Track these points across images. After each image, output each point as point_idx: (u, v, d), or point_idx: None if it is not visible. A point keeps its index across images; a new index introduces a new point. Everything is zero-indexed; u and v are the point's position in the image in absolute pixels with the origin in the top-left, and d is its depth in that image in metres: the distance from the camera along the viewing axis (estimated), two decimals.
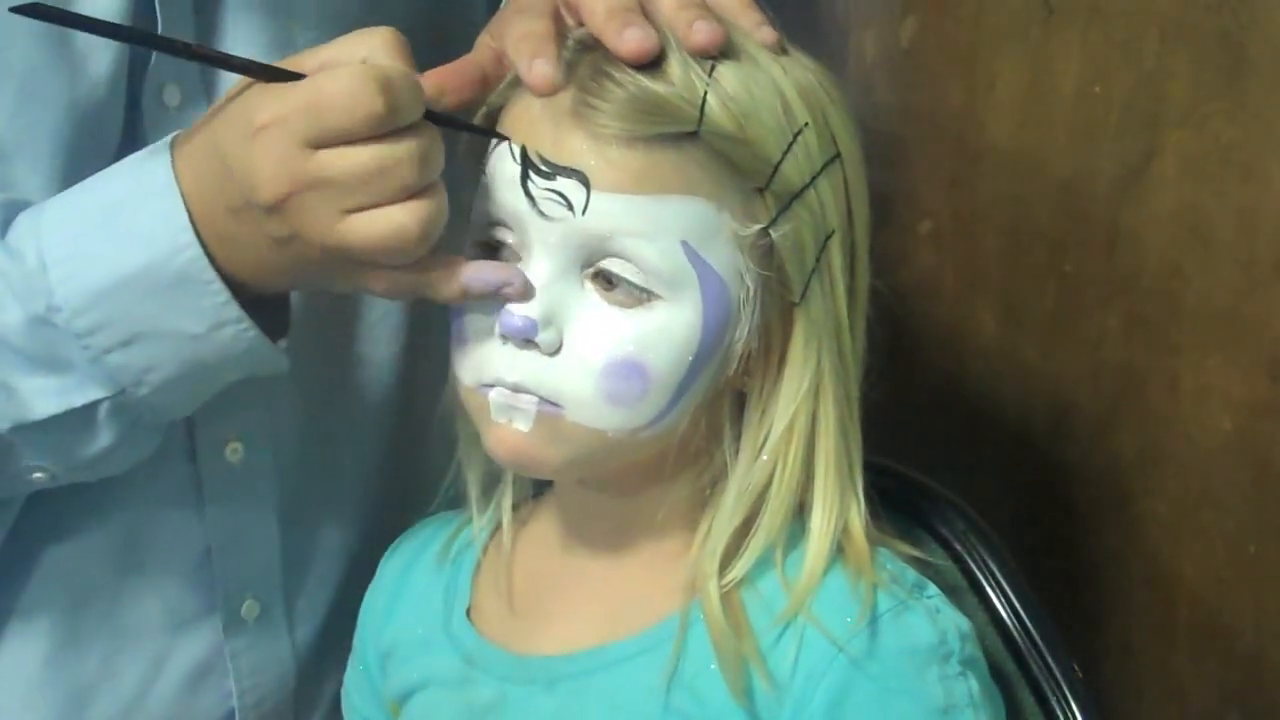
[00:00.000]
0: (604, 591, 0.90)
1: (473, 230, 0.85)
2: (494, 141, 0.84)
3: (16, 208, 0.88)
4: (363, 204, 0.79)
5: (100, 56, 0.91)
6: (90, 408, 0.87)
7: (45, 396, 0.87)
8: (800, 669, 0.82)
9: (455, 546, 0.98)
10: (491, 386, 0.84)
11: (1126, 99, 1.15)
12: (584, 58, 0.82)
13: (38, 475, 0.92)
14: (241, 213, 0.82)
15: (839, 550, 0.85)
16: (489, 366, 0.84)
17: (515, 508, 0.96)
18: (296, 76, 0.80)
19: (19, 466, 0.91)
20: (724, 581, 0.84)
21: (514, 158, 0.82)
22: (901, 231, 0.95)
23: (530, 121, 0.83)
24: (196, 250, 0.83)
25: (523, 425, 0.83)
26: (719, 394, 0.86)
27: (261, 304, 0.87)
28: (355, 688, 1.01)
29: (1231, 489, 1.15)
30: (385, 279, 0.83)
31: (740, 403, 0.87)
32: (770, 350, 0.85)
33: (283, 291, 0.89)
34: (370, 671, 0.99)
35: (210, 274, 0.83)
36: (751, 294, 0.83)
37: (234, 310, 0.84)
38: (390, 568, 1.01)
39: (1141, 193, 1.16)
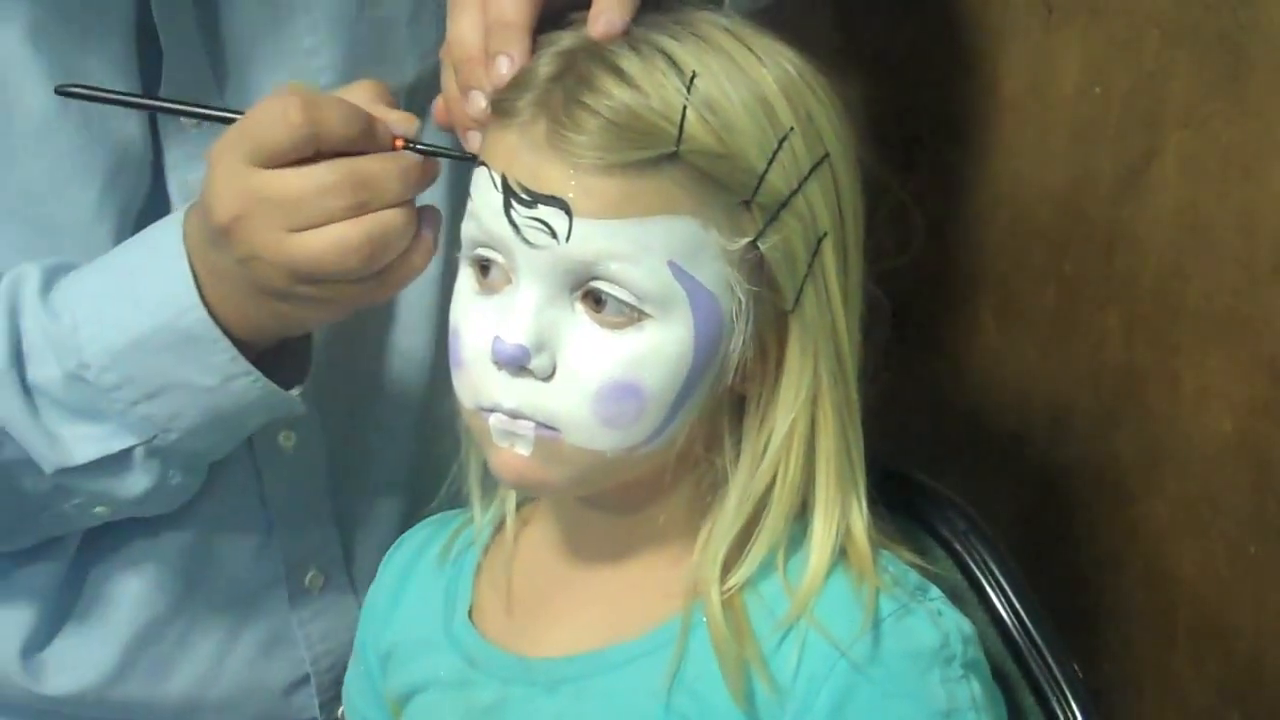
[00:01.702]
0: (605, 594, 0.89)
1: (464, 247, 0.85)
2: (476, 166, 0.84)
3: (62, 270, 0.95)
4: (307, 223, 0.84)
5: (116, 87, 0.95)
6: (126, 453, 0.95)
7: (85, 443, 0.94)
8: (802, 673, 0.82)
9: (456, 546, 0.97)
10: (491, 411, 0.84)
11: (1126, 99, 1.16)
12: (557, 87, 0.81)
13: (98, 510, 0.99)
14: (215, 243, 0.87)
15: (841, 553, 0.85)
16: (486, 391, 0.83)
17: (518, 506, 0.96)
18: (238, 114, 0.87)
19: (74, 506, 0.99)
20: (726, 587, 0.84)
21: (495, 186, 0.82)
22: (901, 231, 0.95)
23: (509, 150, 0.82)
24: (200, 311, 0.89)
25: (523, 449, 0.83)
26: (717, 402, 0.85)
27: (280, 354, 0.94)
28: (356, 688, 1.01)
29: (1231, 489, 1.15)
30: (352, 291, 0.88)
31: (739, 406, 0.87)
32: (766, 357, 0.85)
33: (292, 336, 0.95)
34: (371, 671, 0.99)
35: (215, 332, 0.90)
36: (744, 306, 0.82)
37: (241, 364, 0.91)
38: (391, 568, 1.01)
39: (1141, 193, 1.16)
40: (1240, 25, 1.08)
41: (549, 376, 0.82)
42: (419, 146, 0.87)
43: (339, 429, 1.07)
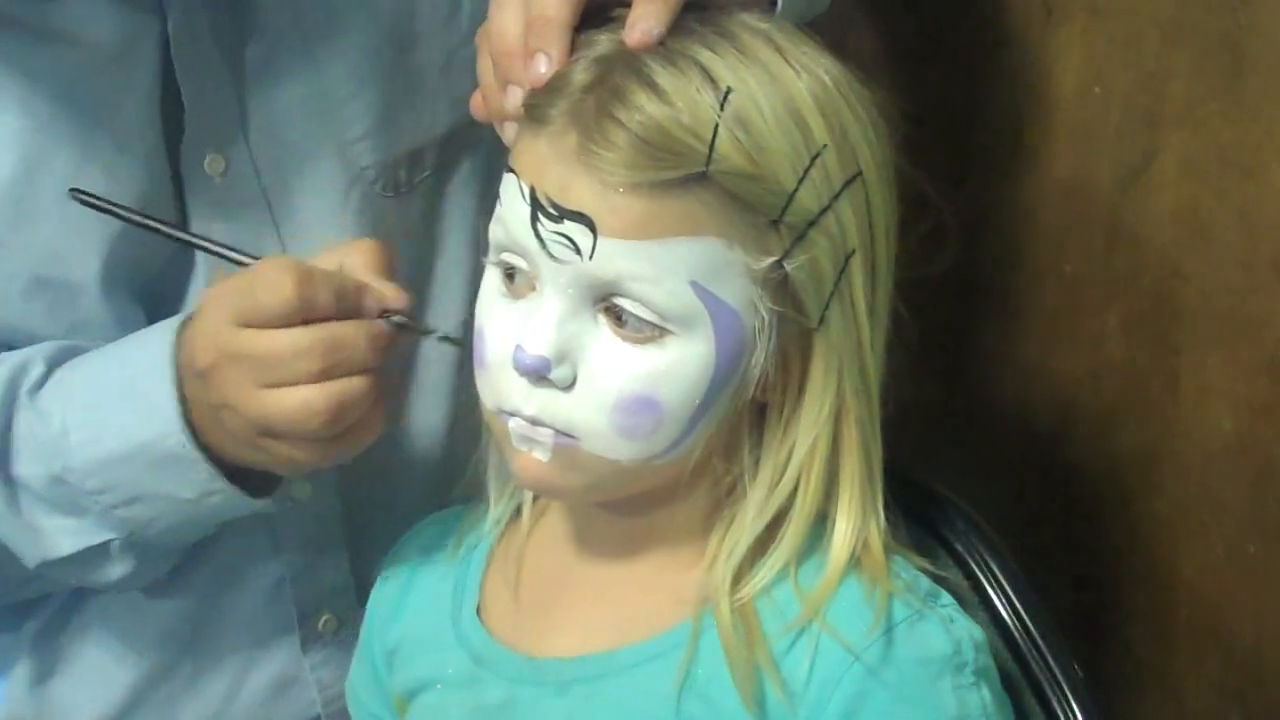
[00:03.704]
0: (616, 595, 0.90)
1: (491, 251, 0.85)
2: (506, 171, 0.84)
3: (68, 354, 0.97)
4: (276, 381, 0.87)
5: (139, 141, 0.97)
6: (104, 545, 0.98)
7: (66, 535, 0.98)
8: (815, 677, 0.82)
9: (466, 543, 0.97)
10: (511, 415, 0.84)
11: (1126, 99, 1.16)
12: (589, 98, 0.80)
13: (71, 582, 1.03)
14: (198, 380, 0.90)
15: (855, 560, 0.85)
16: (508, 396, 0.84)
17: (536, 498, 0.96)
18: (252, 259, 0.90)
19: (48, 584, 1.03)
20: (738, 596, 0.84)
21: (524, 197, 0.82)
22: (902, 231, 0.96)
23: (538, 161, 0.82)
24: (181, 436, 0.92)
25: (541, 455, 0.84)
26: (738, 412, 0.85)
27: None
28: (361, 684, 1.01)
29: (1231, 489, 1.15)
30: (309, 451, 0.90)
31: (760, 415, 0.86)
32: (789, 371, 0.84)
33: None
34: (376, 668, 0.99)
35: (195, 454, 0.93)
36: (766, 322, 0.82)
37: (219, 482, 0.94)
38: (398, 562, 1.00)
39: (1141, 193, 1.16)
40: (1240, 25, 1.08)
41: (569, 386, 0.82)
42: (396, 320, 0.89)
43: (356, 478, 1.08)
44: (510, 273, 0.84)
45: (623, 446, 0.82)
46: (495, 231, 0.85)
